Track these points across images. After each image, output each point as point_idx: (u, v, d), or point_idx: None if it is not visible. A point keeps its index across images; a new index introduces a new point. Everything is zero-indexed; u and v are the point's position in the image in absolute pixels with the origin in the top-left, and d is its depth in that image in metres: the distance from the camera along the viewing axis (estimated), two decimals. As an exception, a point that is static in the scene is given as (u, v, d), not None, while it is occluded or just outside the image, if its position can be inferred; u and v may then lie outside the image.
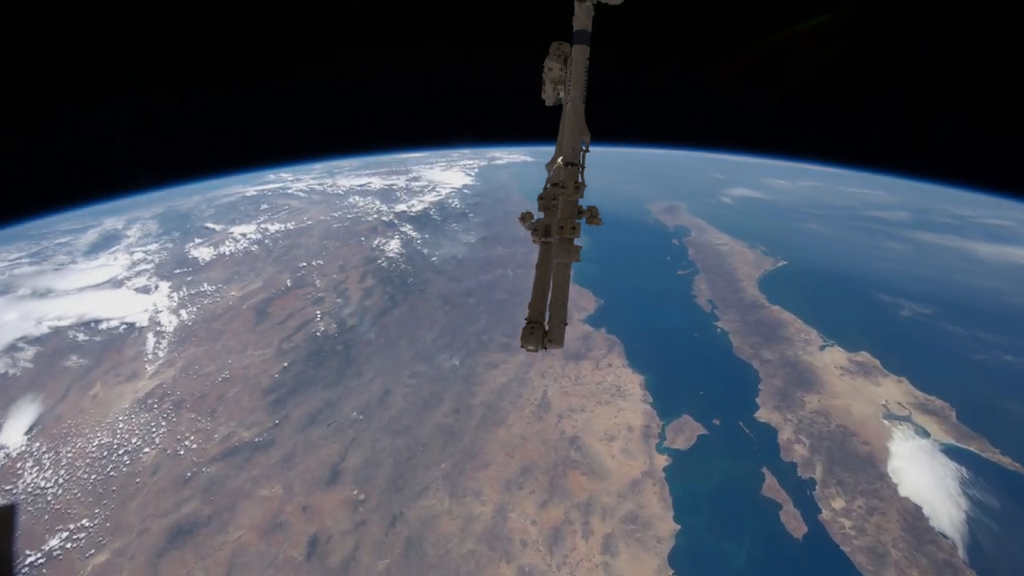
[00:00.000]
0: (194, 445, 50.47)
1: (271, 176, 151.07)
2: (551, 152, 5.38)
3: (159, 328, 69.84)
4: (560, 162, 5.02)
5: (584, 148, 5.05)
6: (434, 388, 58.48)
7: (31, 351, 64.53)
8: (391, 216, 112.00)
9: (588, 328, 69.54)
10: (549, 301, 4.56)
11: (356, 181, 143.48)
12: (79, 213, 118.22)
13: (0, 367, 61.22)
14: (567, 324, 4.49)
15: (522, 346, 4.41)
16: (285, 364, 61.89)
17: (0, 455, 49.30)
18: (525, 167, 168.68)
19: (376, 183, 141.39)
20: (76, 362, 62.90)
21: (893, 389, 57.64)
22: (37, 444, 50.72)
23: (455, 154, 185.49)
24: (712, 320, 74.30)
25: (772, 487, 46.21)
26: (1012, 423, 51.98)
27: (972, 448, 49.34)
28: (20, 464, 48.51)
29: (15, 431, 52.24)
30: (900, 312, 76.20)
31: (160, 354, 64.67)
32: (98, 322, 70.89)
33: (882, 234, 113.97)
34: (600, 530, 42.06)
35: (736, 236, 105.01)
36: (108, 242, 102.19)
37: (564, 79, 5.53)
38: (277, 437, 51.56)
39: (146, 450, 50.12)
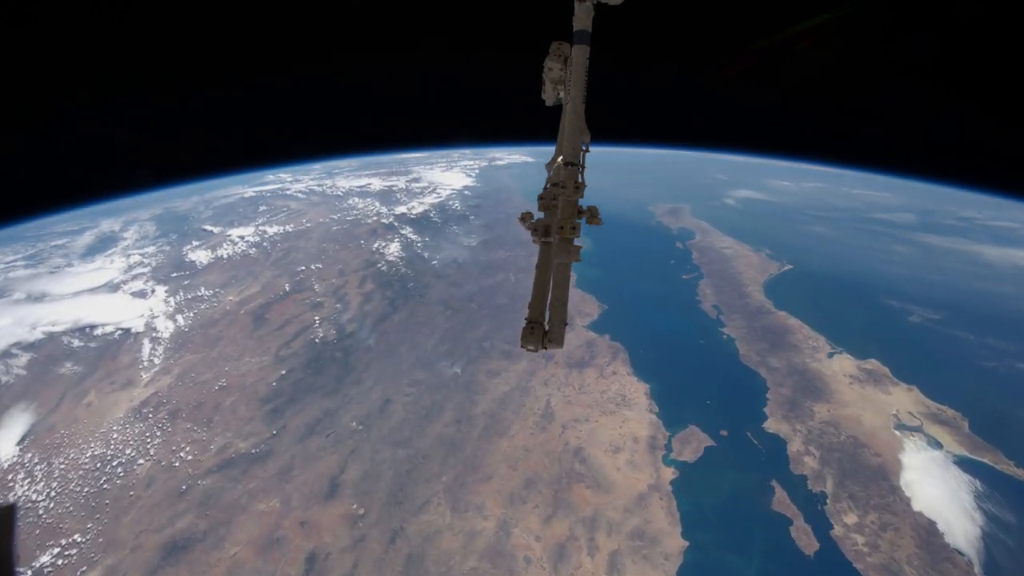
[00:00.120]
0: (190, 456, 49.34)
1: (270, 177, 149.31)
2: (551, 152, 5.39)
3: (155, 334, 68.65)
4: (560, 162, 5.02)
5: (584, 148, 5.05)
6: (435, 397, 57.33)
7: (25, 357, 63.39)
8: (391, 218, 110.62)
9: (592, 334, 68.36)
10: (549, 301, 4.58)
11: (356, 182, 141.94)
12: (76, 214, 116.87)
13: (-7, 374, 60.16)
14: (567, 324, 4.54)
15: (522, 346, 4.43)
16: (283, 372, 60.73)
17: (-9, 467, 48.26)
18: (526, 168, 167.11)
19: (376, 184, 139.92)
20: (70, 369, 61.76)
21: (904, 398, 56.47)
22: (29, 455, 49.61)
23: (455, 154, 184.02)
24: (718, 326, 73.09)
25: (782, 501, 45.08)
26: (1026, 434, 50.86)
27: (986, 460, 48.20)
28: (11, 476, 47.41)
29: (7, 441, 51.13)
30: (909, 318, 74.97)
31: (156, 361, 63.53)
32: (93, 327, 69.69)
33: (887, 237, 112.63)
34: (606, 547, 40.94)
35: (741, 239, 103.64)
36: (105, 244, 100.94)
37: (564, 79, 5.52)
38: (275, 448, 50.43)
39: (140, 462, 48.99)
